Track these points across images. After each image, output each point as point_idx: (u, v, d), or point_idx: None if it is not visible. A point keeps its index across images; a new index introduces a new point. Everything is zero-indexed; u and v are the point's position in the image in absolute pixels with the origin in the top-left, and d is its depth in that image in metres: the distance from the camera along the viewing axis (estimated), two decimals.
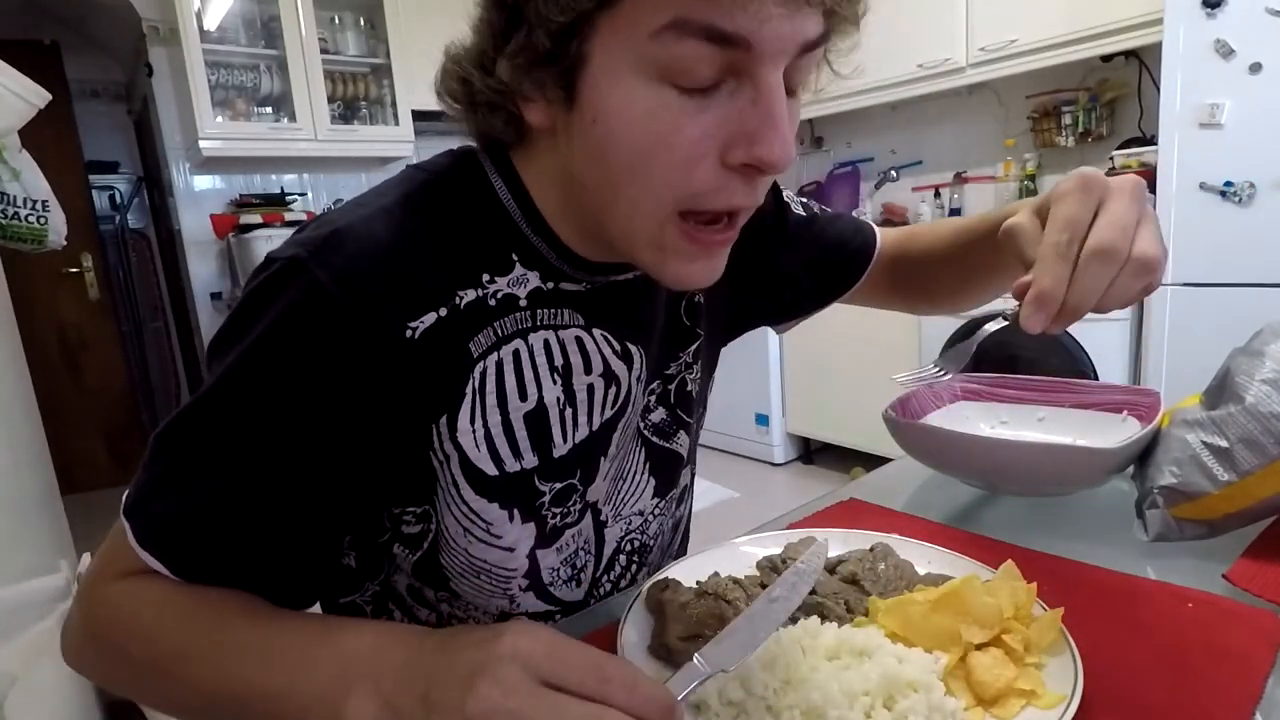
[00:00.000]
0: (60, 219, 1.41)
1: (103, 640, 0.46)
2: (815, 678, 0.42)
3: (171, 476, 0.45)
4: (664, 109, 0.40)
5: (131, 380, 3.78)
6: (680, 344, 0.63)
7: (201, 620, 0.44)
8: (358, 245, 0.45)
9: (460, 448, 0.50)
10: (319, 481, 0.46)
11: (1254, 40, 1.73)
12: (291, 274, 0.44)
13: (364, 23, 3.33)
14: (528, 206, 0.51)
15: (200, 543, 0.44)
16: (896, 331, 2.69)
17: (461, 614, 0.58)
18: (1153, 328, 2.01)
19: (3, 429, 1.23)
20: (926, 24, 2.72)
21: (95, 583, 0.46)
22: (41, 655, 1.10)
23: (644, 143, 0.41)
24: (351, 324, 0.44)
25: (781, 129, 0.40)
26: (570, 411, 0.54)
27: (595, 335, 0.54)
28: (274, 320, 0.44)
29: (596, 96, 0.41)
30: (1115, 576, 0.55)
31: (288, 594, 0.47)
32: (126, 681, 0.46)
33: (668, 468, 0.63)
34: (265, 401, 0.44)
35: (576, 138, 0.44)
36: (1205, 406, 0.61)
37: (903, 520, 0.68)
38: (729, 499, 2.81)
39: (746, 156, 0.41)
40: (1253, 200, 1.80)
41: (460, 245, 0.49)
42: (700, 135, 0.40)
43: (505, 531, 0.53)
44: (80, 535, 1.81)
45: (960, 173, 3.07)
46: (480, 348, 0.49)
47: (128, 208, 4.03)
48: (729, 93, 0.40)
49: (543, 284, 0.52)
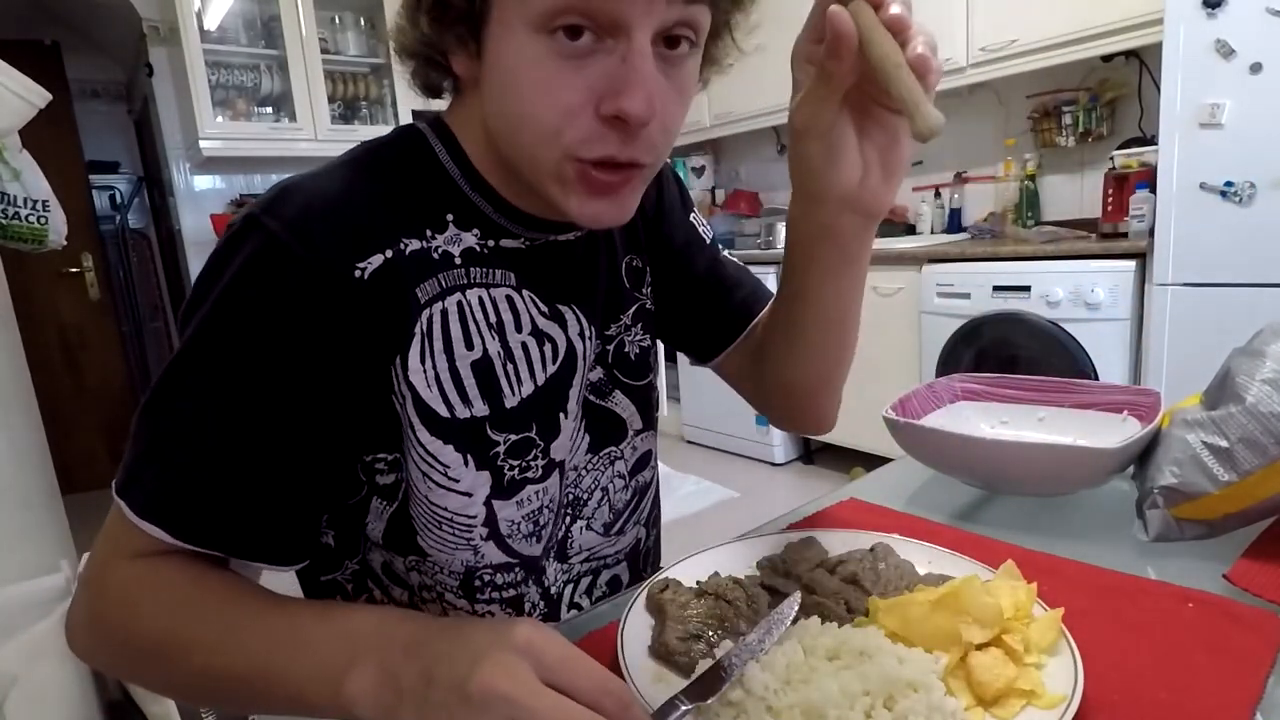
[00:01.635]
0: (60, 219, 1.41)
1: (106, 625, 0.47)
2: (815, 678, 0.42)
3: (159, 445, 0.46)
4: (548, 60, 0.44)
5: (131, 380, 3.78)
6: (620, 306, 0.66)
7: (203, 606, 0.45)
8: (305, 197, 0.49)
9: (413, 387, 0.52)
10: (295, 426, 0.48)
11: (1254, 40, 1.73)
12: (247, 230, 0.48)
13: (364, 23, 3.33)
14: (467, 167, 0.55)
15: (195, 503, 0.46)
16: (896, 332, 2.69)
17: (430, 580, 0.59)
18: (1153, 327, 2.01)
19: (3, 429, 1.23)
20: (927, 24, 2.70)
21: (97, 569, 0.47)
22: (41, 655, 1.10)
23: (529, 92, 0.46)
24: (304, 268, 0.47)
25: (646, 85, 0.44)
26: (511, 366, 0.56)
27: (525, 295, 0.57)
28: (234, 274, 0.47)
29: (496, 48, 0.46)
30: (1115, 576, 0.55)
31: (279, 551, 0.49)
32: (129, 666, 0.48)
33: (603, 425, 0.65)
34: (235, 352, 0.47)
35: (487, 91, 0.49)
36: (1205, 406, 0.61)
37: (903, 520, 0.68)
38: (729, 499, 2.80)
39: (613, 108, 0.44)
40: (1253, 200, 1.79)
41: (401, 199, 0.53)
42: (579, 87, 0.45)
43: (461, 475, 0.55)
44: (80, 535, 1.82)
45: (960, 172, 3.07)
46: (426, 294, 0.52)
47: (128, 208, 4.04)
48: (605, 51, 0.44)
49: (480, 243, 0.55)
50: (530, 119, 0.46)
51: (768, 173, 3.93)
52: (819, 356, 0.64)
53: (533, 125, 0.47)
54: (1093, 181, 2.63)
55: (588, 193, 0.49)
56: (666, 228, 0.71)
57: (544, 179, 0.49)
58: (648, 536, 0.73)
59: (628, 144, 0.47)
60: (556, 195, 0.49)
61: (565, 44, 0.44)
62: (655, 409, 0.72)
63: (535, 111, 0.46)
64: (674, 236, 0.71)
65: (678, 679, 0.45)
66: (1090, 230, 2.44)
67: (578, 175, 0.48)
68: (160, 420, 0.47)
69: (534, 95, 0.45)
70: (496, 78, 0.47)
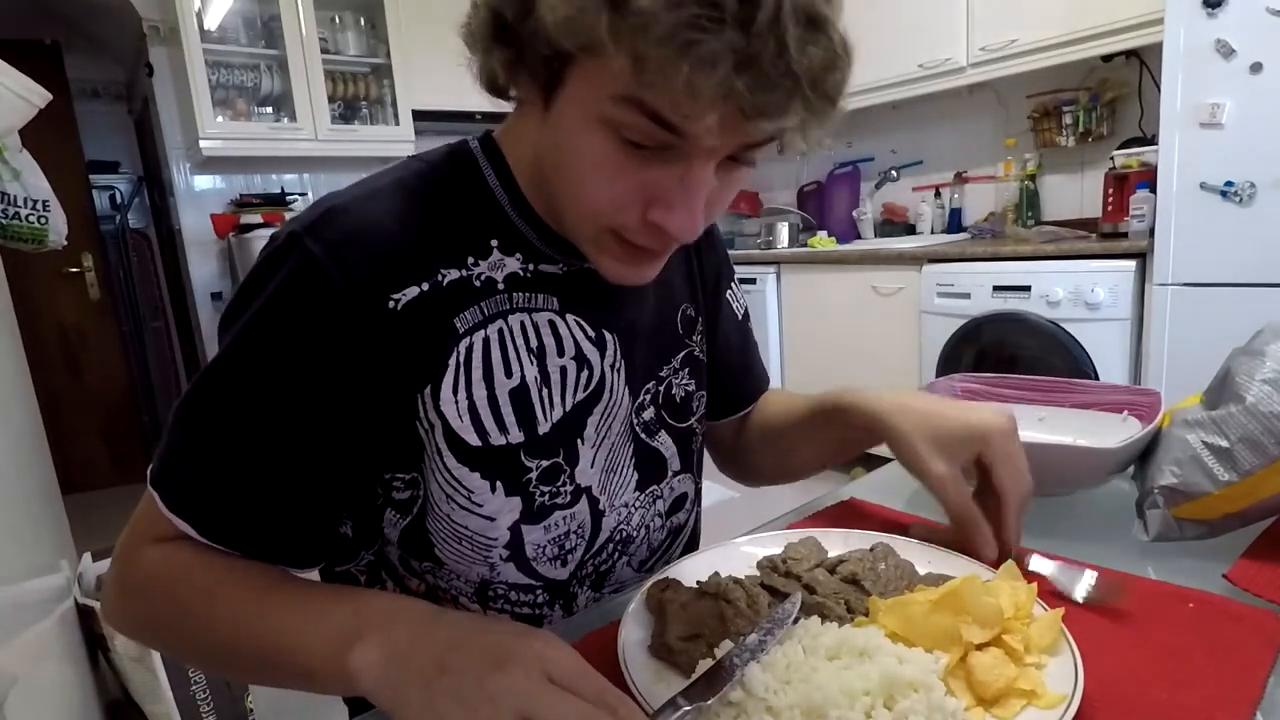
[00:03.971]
0: (61, 219, 1.41)
1: (134, 601, 0.51)
2: (815, 678, 0.42)
3: (192, 443, 0.49)
4: (610, 150, 0.44)
5: (132, 380, 3.78)
6: (673, 349, 0.68)
7: (224, 585, 0.48)
8: (349, 221, 0.50)
9: (443, 416, 0.53)
10: (318, 442, 0.50)
11: (1255, 40, 1.73)
12: (289, 248, 0.49)
13: (364, 22, 3.33)
14: (514, 191, 0.56)
15: (222, 504, 0.49)
16: (896, 332, 2.69)
17: (445, 585, 0.59)
18: (1153, 328, 2.01)
19: (3, 429, 1.23)
20: (927, 24, 2.72)
21: (129, 550, 0.51)
22: (42, 655, 1.10)
23: (585, 172, 0.46)
24: (340, 294, 0.48)
25: (694, 211, 0.46)
26: (546, 391, 0.57)
27: (569, 319, 0.58)
28: (273, 291, 0.48)
29: (563, 119, 0.46)
30: (1116, 576, 0.55)
31: (295, 554, 0.52)
32: (155, 638, 0.53)
33: (649, 464, 0.66)
34: (266, 366, 0.48)
35: (548, 131, 0.48)
36: (1206, 406, 0.61)
37: (903, 520, 0.67)
38: (729, 499, 2.80)
39: (659, 219, 0.46)
40: (1253, 200, 1.79)
41: (446, 228, 0.54)
42: (631, 187, 0.46)
43: (486, 500, 0.56)
44: (80, 535, 1.82)
45: (961, 172, 3.07)
46: (466, 324, 0.53)
47: (128, 207, 4.04)
48: (666, 161, 0.44)
49: (523, 267, 0.56)
50: (579, 194, 0.48)
51: (768, 173, 3.93)
52: (792, 473, 0.78)
53: (580, 199, 0.48)
54: (1093, 181, 2.63)
55: (620, 256, 0.51)
56: (714, 290, 0.75)
57: (580, 237, 0.52)
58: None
59: (665, 245, 0.50)
60: (590, 252, 0.52)
61: (629, 142, 0.43)
62: (696, 454, 0.73)
63: (586, 190, 0.47)
64: (720, 302, 0.75)
65: (678, 679, 0.45)
66: (1090, 230, 2.43)
67: (614, 245, 0.50)
68: (196, 419, 0.50)
69: (588, 176, 0.46)
70: (558, 137, 0.47)
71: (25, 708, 0.87)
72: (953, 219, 3.09)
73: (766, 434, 0.77)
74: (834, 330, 2.94)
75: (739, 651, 0.44)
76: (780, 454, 0.76)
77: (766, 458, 0.78)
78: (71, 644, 1.33)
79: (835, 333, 2.93)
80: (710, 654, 0.46)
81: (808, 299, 3.04)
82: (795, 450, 0.75)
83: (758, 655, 0.43)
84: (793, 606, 0.47)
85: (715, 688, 0.41)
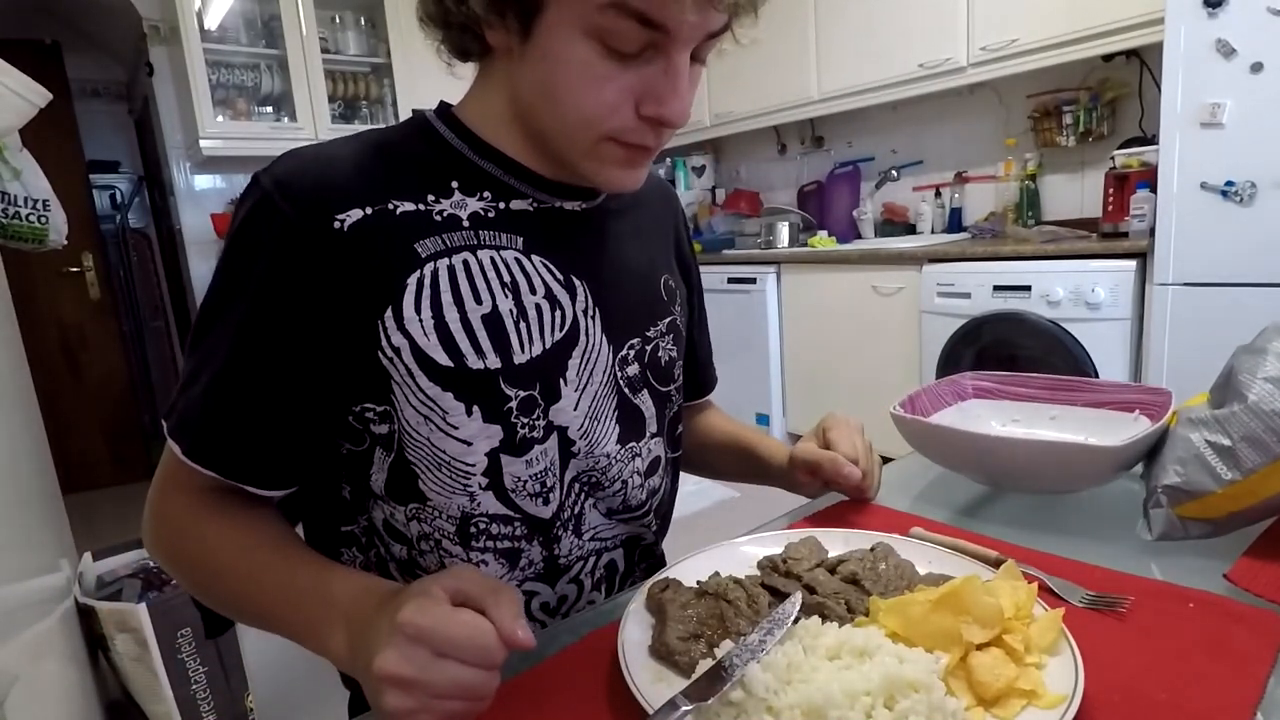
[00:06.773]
0: (61, 218, 1.41)
1: (160, 541, 0.59)
2: (816, 678, 0.42)
3: (189, 374, 0.56)
4: (597, 61, 0.51)
5: (132, 380, 3.78)
6: (658, 313, 0.71)
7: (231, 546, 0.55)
8: (300, 160, 0.56)
9: (410, 336, 0.56)
10: (287, 368, 0.55)
11: (1255, 40, 1.73)
12: (249, 189, 0.55)
13: (364, 22, 3.33)
14: (474, 140, 0.60)
15: (203, 429, 0.55)
16: (897, 332, 2.69)
17: (429, 529, 0.61)
18: (1153, 327, 2.00)
19: (3, 429, 1.23)
20: (927, 24, 2.72)
21: (157, 493, 0.59)
22: (42, 655, 1.10)
23: (577, 86, 0.52)
24: (287, 222, 0.53)
25: (682, 96, 0.53)
26: (524, 325, 0.60)
27: (534, 260, 0.61)
28: (234, 228, 0.55)
29: (547, 41, 0.51)
30: (1116, 576, 0.55)
31: (272, 477, 0.57)
32: (178, 575, 0.59)
33: (631, 419, 0.68)
34: (233, 297, 0.54)
35: (527, 66, 0.54)
36: (1211, 405, 0.61)
37: (904, 520, 0.67)
38: (729, 499, 2.80)
39: (653, 112, 0.53)
40: (1253, 200, 1.79)
41: (402, 171, 0.58)
42: (621, 89, 0.52)
43: (461, 424, 0.58)
44: (80, 535, 1.81)
45: (961, 172, 3.07)
46: (428, 250, 0.57)
47: (128, 207, 4.04)
48: (647, 60, 0.51)
49: (489, 206, 0.60)
50: (574, 108, 0.53)
51: (768, 172, 3.93)
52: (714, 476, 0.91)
53: (576, 113, 0.53)
54: (1093, 181, 2.63)
55: (620, 167, 0.57)
56: (691, 278, 0.82)
57: (576, 154, 0.56)
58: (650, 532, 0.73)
59: (659, 136, 0.56)
60: (588, 168, 0.57)
61: (614, 50, 0.50)
62: (670, 423, 0.74)
63: (580, 102, 0.52)
64: (693, 292, 0.83)
65: (678, 679, 0.45)
66: (1091, 230, 2.43)
67: (615, 154, 0.56)
68: (189, 356, 0.56)
69: (581, 89, 0.52)
70: (542, 65, 0.52)
71: (25, 707, 0.87)
72: (953, 219, 3.09)
73: (703, 441, 0.89)
74: (834, 330, 2.94)
75: (739, 651, 0.44)
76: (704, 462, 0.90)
77: (694, 456, 0.89)
78: (72, 644, 1.33)
79: (835, 332, 2.93)
80: (710, 654, 0.46)
81: (808, 299, 3.04)
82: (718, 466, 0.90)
83: (758, 655, 0.43)
84: (793, 606, 0.47)
85: (715, 688, 0.41)
